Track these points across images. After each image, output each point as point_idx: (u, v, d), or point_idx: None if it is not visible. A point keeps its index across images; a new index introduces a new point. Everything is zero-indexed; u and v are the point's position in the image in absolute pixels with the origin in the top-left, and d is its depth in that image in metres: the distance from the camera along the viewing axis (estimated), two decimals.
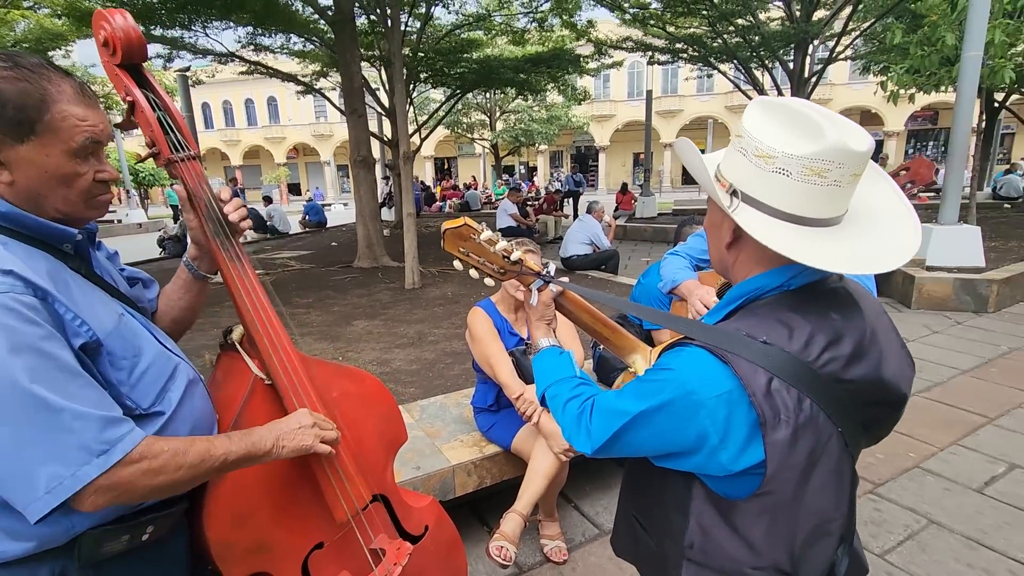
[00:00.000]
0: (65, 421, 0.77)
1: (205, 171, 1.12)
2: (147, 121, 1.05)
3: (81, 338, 0.85)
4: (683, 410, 0.78)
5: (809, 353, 0.77)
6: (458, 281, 6.82)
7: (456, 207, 18.39)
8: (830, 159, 0.74)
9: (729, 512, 0.83)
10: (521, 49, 14.85)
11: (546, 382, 1.06)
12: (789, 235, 0.78)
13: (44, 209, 0.88)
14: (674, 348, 0.83)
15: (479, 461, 2.22)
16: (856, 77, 25.27)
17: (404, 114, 6.06)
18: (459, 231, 1.07)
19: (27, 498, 0.76)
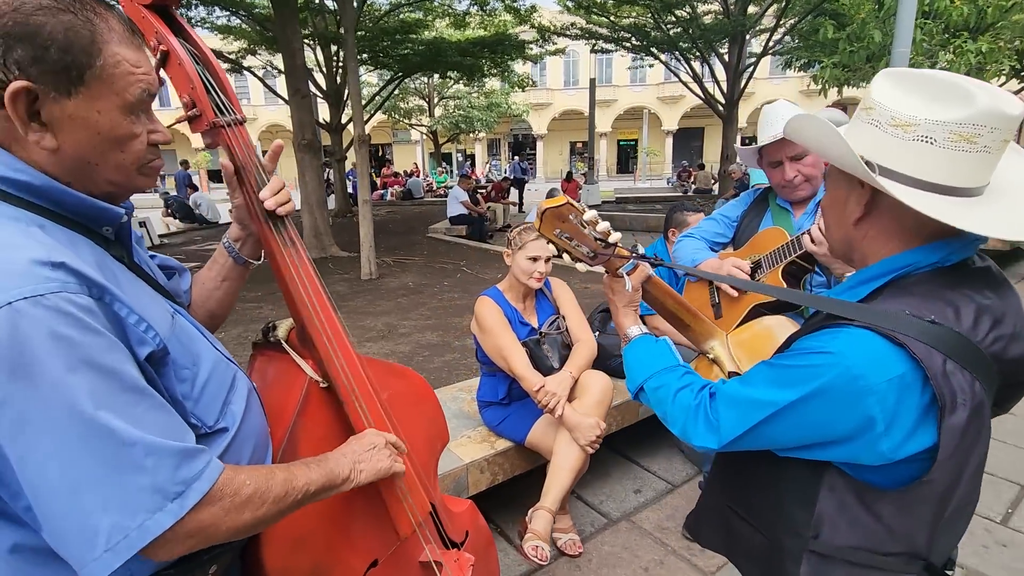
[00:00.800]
0: (137, 457, 0.61)
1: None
2: (186, 76, 0.87)
3: (148, 346, 0.68)
4: (847, 396, 0.72)
5: (978, 333, 0.73)
6: (417, 271, 6.61)
7: (398, 195, 17.87)
8: (983, 123, 0.70)
9: (872, 502, 0.79)
10: (461, 33, 14.57)
11: (644, 372, 1.00)
12: (938, 204, 0.73)
13: (94, 181, 0.71)
14: (825, 330, 0.77)
15: (492, 457, 2.12)
16: (776, 72, 26.80)
17: (358, 95, 5.73)
18: (559, 210, 0.99)
19: (82, 557, 0.59)
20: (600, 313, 2.91)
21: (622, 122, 35.89)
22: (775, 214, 1.90)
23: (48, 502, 0.58)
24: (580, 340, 2.16)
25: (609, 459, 2.77)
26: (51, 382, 0.56)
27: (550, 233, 1.02)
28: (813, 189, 1.80)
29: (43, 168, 0.67)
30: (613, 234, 1.01)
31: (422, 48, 11.62)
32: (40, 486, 0.58)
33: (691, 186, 18.32)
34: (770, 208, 1.93)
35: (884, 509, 0.79)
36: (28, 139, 0.65)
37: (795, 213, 1.86)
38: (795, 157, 1.75)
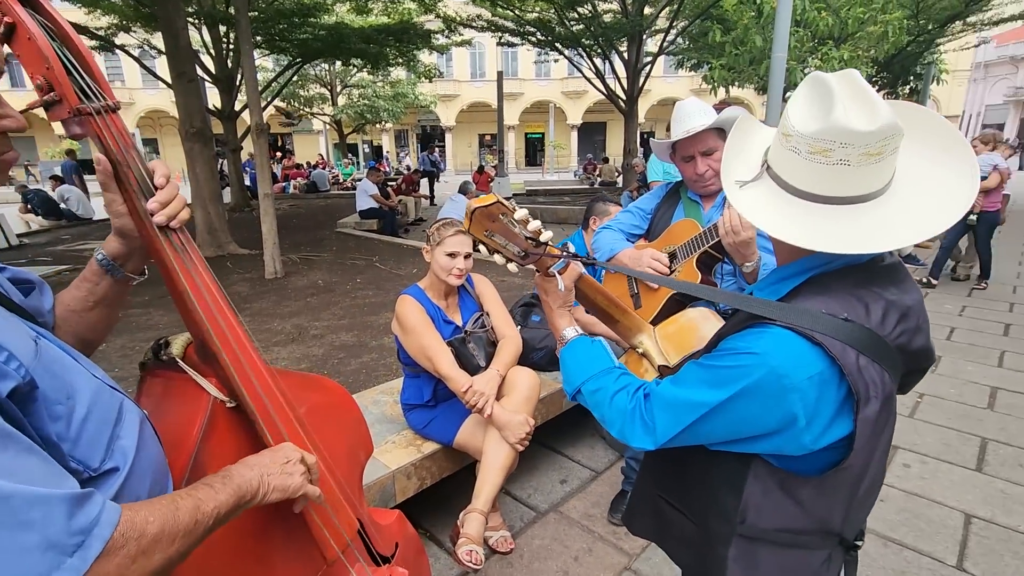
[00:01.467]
0: (17, 511, 0.49)
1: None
2: (39, 54, 0.72)
3: (10, 380, 0.55)
4: (772, 394, 0.75)
5: (885, 327, 0.78)
6: (326, 268, 6.28)
7: (301, 188, 16.90)
8: (831, 138, 0.73)
9: (794, 488, 0.84)
10: (364, 19, 13.99)
11: (581, 375, 0.99)
12: (798, 212, 0.79)
13: None
14: (749, 330, 0.80)
15: (419, 462, 2.05)
16: (670, 71, 28.41)
17: (254, 81, 5.29)
18: (489, 210, 0.94)
19: None
20: (521, 307, 2.91)
21: (529, 115, 36.41)
22: (686, 206, 1.98)
23: None
24: (505, 336, 2.13)
25: (535, 452, 2.79)
26: None
27: (480, 233, 0.97)
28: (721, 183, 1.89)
29: None
30: (544, 233, 0.98)
31: (323, 33, 10.99)
32: None
33: (596, 179, 19.00)
34: (682, 201, 2.01)
35: (804, 494, 0.84)
36: None
37: (704, 206, 1.95)
38: (706, 152, 1.83)
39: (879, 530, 2.19)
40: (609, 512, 2.36)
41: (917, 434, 2.92)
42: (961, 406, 3.21)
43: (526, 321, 2.82)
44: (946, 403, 3.25)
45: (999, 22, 13.50)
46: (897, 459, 2.69)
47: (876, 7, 8.38)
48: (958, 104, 36.37)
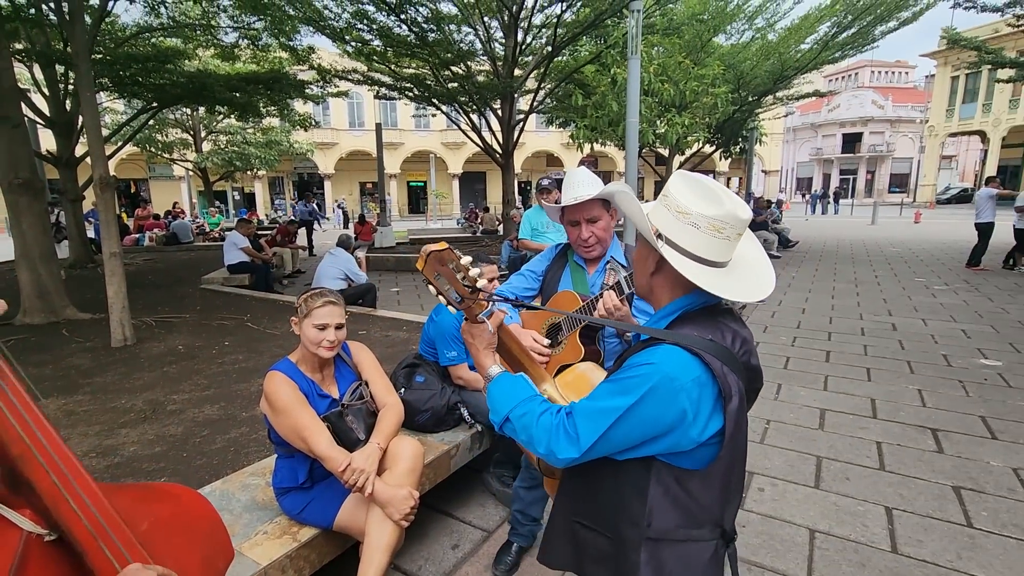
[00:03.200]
0: None
1: None
2: None
3: None
4: (667, 394, 0.95)
5: (734, 347, 1.05)
6: (188, 331, 5.67)
7: (160, 240, 15.30)
8: (725, 220, 1.02)
9: (686, 482, 1.03)
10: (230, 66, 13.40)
11: (508, 404, 1.12)
12: (699, 271, 1.04)
13: None
14: (646, 348, 1.01)
15: (295, 551, 1.88)
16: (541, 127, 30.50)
17: (97, 130, 4.75)
18: (442, 255, 1.11)
19: None
20: (404, 368, 2.86)
21: (410, 164, 36.76)
22: (572, 270, 2.11)
23: None
24: (387, 405, 2.08)
25: (425, 517, 2.69)
26: None
27: (430, 275, 1.12)
28: (603, 249, 2.05)
29: None
30: (481, 281, 1.14)
31: (182, 80, 10.29)
32: None
33: (479, 227, 19.48)
34: (568, 264, 2.14)
35: (693, 487, 1.04)
36: None
37: (588, 269, 2.09)
38: (591, 220, 1.98)
39: (743, 555, 2.40)
40: (494, 565, 2.34)
41: (767, 458, 3.27)
42: (799, 428, 3.67)
43: (410, 383, 2.77)
44: (788, 427, 3.69)
45: (800, 97, 16.83)
46: (753, 484, 2.99)
47: (707, 82, 9.78)
48: (776, 161, 43.65)
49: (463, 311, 1.17)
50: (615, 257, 2.07)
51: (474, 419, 2.79)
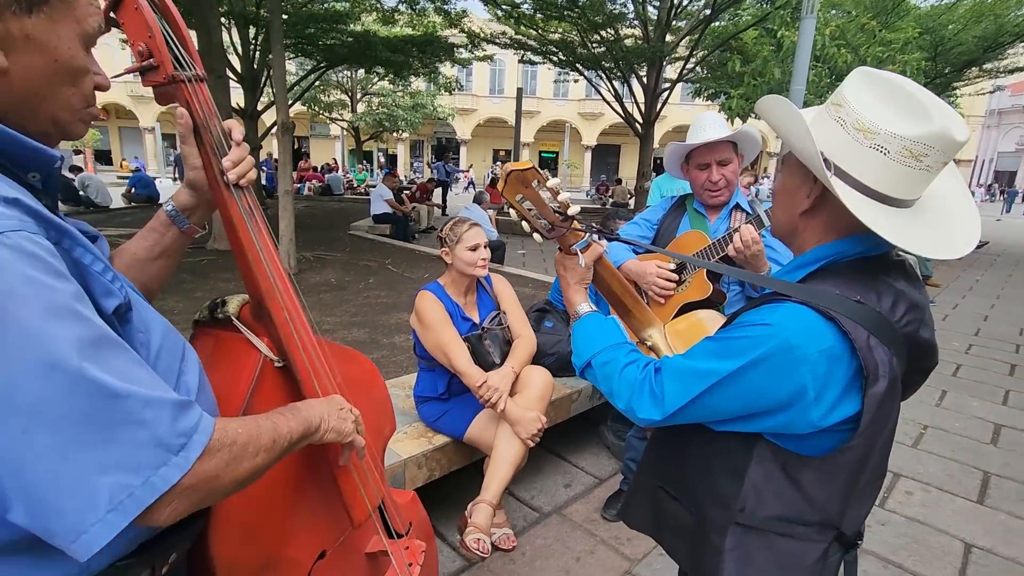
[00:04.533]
0: (133, 409, 0.55)
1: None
2: (143, 23, 0.79)
3: (115, 298, 0.62)
4: (783, 365, 0.77)
5: (895, 314, 0.81)
6: (339, 267, 6.35)
7: (316, 190, 17.09)
8: (932, 144, 0.75)
9: (796, 471, 0.84)
10: (388, 30, 14.27)
11: (592, 348, 1.00)
12: (878, 213, 0.79)
13: (34, 117, 0.62)
14: (766, 305, 0.82)
15: (429, 453, 2.09)
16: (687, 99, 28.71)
17: (283, 80, 5.43)
18: (524, 175, 0.97)
19: (78, 523, 0.52)
20: (534, 312, 2.96)
21: (544, 133, 36.79)
22: (692, 218, 2.04)
23: (33, 468, 0.50)
24: (521, 336, 2.19)
25: (540, 456, 2.82)
26: (27, 331, 0.49)
27: (512, 196, 0.99)
28: (730, 195, 1.96)
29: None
30: (572, 207, 1.01)
31: (350, 40, 11.22)
32: (23, 452, 0.50)
33: (608, 199, 19.13)
34: (687, 212, 2.07)
35: (806, 478, 0.84)
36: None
37: (710, 217, 2.01)
38: (722, 162, 1.89)
39: (879, 552, 2.21)
40: (603, 508, 2.39)
41: (920, 463, 2.93)
42: (965, 439, 3.22)
43: (539, 326, 2.87)
44: (951, 436, 3.26)
45: (1015, 71, 13.72)
46: (899, 486, 2.71)
47: (895, 47, 8.51)
48: (971, 149, 36.38)
49: (556, 240, 1.05)
50: (741, 204, 1.96)
51: None
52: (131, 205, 12.28)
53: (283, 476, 0.97)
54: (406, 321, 4.40)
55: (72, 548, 0.53)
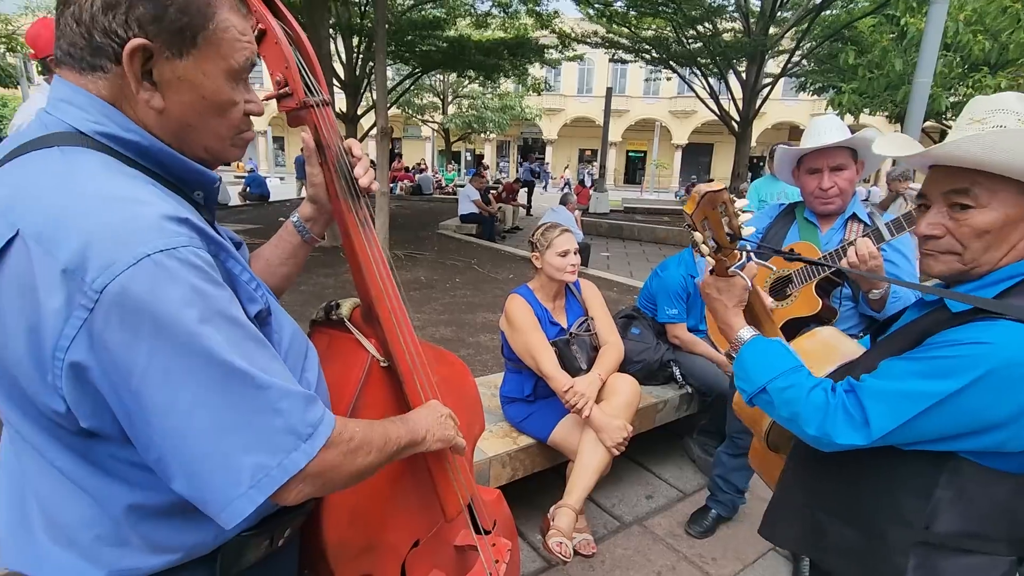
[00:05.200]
0: (272, 399, 0.63)
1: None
2: (281, 56, 0.89)
3: (257, 304, 0.70)
4: (1008, 382, 0.78)
5: None
6: (428, 266, 6.62)
7: (408, 190, 17.88)
8: None
9: (992, 486, 0.84)
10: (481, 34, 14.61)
11: (767, 373, 0.98)
12: None
13: (190, 146, 0.72)
14: (972, 324, 0.82)
15: (514, 453, 2.14)
16: (789, 94, 26.87)
17: (384, 87, 5.76)
18: (716, 196, 0.96)
19: (227, 495, 0.61)
20: (621, 319, 2.93)
21: (632, 132, 36.02)
22: (802, 228, 1.92)
23: (193, 446, 0.59)
24: (609, 343, 2.18)
25: (621, 464, 2.78)
26: (191, 331, 0.58)
27: (699, 217, 0.98)
28: (843, 204, 1.82)
29: (148, 129, 0.68)
30: (746, 229, 0.99)
31: (445, 45, 11.64)
32: (186, 431, 0.59)
33: None
34: (797, 221, 1.94)
35: (1001, 494, 0.84)
36: (139, 97, 0.65)
37: (822, 227, 1.87)
38: (835, 168, 1.77)
39: None
40: (688, 524, 2.32)
41: None
42: None
43: (625, 333, 2.83)
44: None
45: None
46: None
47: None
48: None
49: (714, 262, 1.04)
50: (858, 214, 1.80)
51: (685, 380, 2.74)
52: (246, 203, 13.52)
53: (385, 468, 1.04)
54: (491, 320, 4.51)
55: (220, 517, 0.62)
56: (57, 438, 0.63)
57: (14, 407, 0.63)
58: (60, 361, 0.57)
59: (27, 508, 0.68)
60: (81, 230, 0.56)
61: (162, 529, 0.68)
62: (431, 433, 0.93)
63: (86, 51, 0.63)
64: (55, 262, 0.55)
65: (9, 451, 0.70)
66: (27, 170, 0.61)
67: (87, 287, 0.55)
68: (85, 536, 0.66)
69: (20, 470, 0.68)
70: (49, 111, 0.66)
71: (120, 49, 0.62)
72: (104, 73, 0.64)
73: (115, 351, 0.56)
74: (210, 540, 0.72)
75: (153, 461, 0.61)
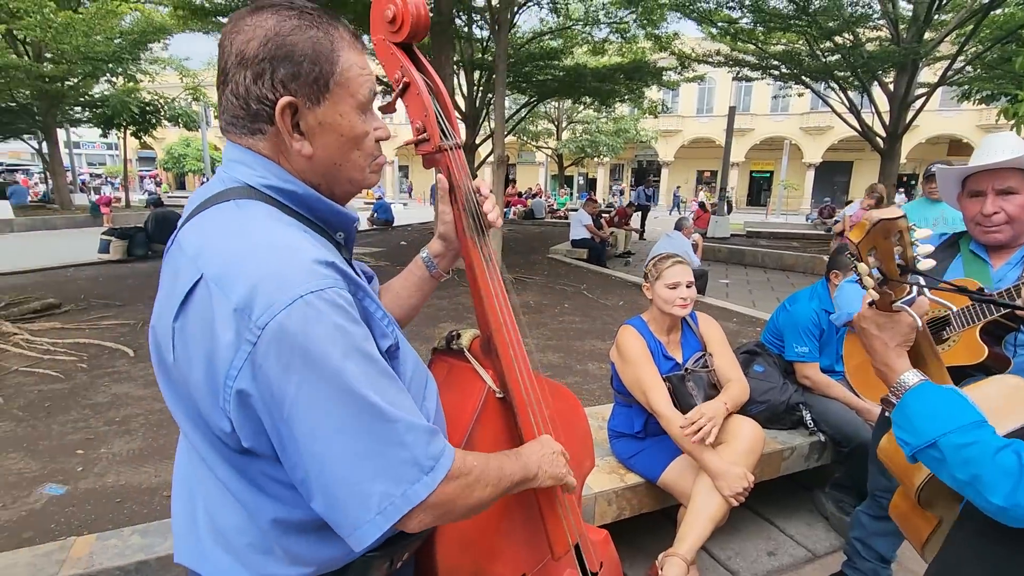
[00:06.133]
0: (399, 433, 0.67)
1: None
2: (422, 106, 0.96)
3: (388, 340, 0.76)
4: None
5: None
6: (537, 290, 6.71)
7: (520, 215, 18.36)
8: None
9: None
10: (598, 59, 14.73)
11: (940, 426, 0.86)
12: None
13: (338, 181, 0.79)
14: None
15: (620, 491, 2.07)
16: (948, 104, 23.70)
17: (502, 118, 6.02)
18: (894, 224, 0.85)
19: (357, 519, 0.66)
20: (743, 355, 2.74)
21: (757, 152, 33.97)
22: (967, 262, 1.65)
23: (331, 470, 0.65)
24: (731, 379, 2.04)
25: (739, 513, 2.57)
26: (333, 366, 0.64)
27: (866, 246, 0.87)
28: (1014, 234, 1.54)
29: (302, 176, 0.76)
30: (924, 261, 0.87)
31: (561, 74, 11.92)
32: (326, 456, 0.65)
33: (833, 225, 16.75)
34: (961, 254, 1.68)
35: None
36: (292, 149, 0.74)
37: (993, 263, 1.60)
38: (1003, 191, 1.51)
39: None
40: None
41: None
42: None
43: (747, 371, 2.64)
44: None
45: None
46: None
47: None
48: None
49: (878, 296, 0.92)
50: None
51: (817, 426, 2.49)
52: (372, 227, 14.70)
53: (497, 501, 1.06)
54: (600, 348, 4.44)
55: (350, 539, 0.67)
56: (221, 453, 0.72)
57: (190, 422, 0.73)
58: (229, 388, 0.65)
59: (196, 511, 0.79)
60: (250, 275, 0.65)
61: (300, 543, 0.75)
62: (543, 470, 0.93)
63: (246, 119, 0.73)
64: (229, 302, 0.64)
65: (184, 459, 0.82)
66: (212, 222, 0.72)
67: (252, 324, 0.63)
68: (239, 541, 0.75)
69: (193, 477, 0.79)
70: (225, 170, 0.78)
71: (272, 110, 0.71)
72: (263, 135, 0.74)
73: (273, 381, 0.64)
74: (340, 557, 0.77)
75: (298, 481, 0.68)
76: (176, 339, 0.69)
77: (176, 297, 0.68)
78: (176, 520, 0.82)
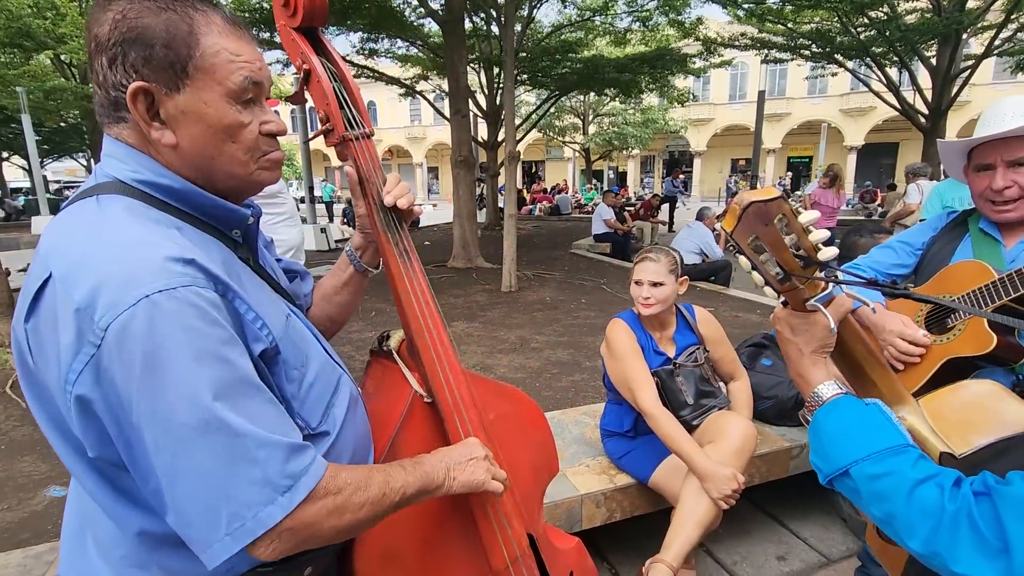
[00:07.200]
0: (249, 449, 0.62)
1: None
2: (323, 93, 0.91)
3: (261, 343, 0.71)
4: None
5: None
6: (555, 286, 6.61)
7: (546, 211, 18.23)
8: None
9: None
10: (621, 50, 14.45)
11: (855, 450, 0.72)
12: None
13: (215, 175, 0.75)
14: None
15: (610, 492, 1.97)
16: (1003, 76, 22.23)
17: (512, 114, 5.95)
18: (766, 208, 0.71)
19: (208, 538, 0.61)
20: (748, 348, 2.60)
21: (794, 137, 32.76)
22: (976, 242, 1.49)
23: (180, 484, 0.61)
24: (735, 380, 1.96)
25: (749, 514, 2.44)
26: (178, 372, 0.59)
27: (744, 239, 0.74)
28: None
29: (176, 169, 0.72)
30: (826, 250, 0.73)
31: (579, 66, 11.75)
32: (174, 470, 0.61)
33: (876, 209, 15.97)
34: (970, 234, 1.51)
35: None
36: (152, 137, 0.70)
37: (1006, 242, 1.43)
38: (1016, 163, 1.35)
39: None
40: None
41: None
42: None
43: (753, 364, 2.50)
44: None
45: None
46: None
47: None
48: None
49: (784, 293, 0.78)
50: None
51: None
52: None
53: (425, 508, 1.00)
54: None
55: (202, 556, 0.63)
56: (82, 462, 0.69)
57: (53, 431, 0.70)
58: (69, 393, 0.61)
59: (82, 521, 0.76)
60: (95, 273, 0.61)
61: (174, 558, 0.70)
62: (451, 477, 0.86)
63: (110, 107, 0.70)
64: (72, 302, 0.60)
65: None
66: (68, 219, 0.69)
67: (95, 325, 0.59)
68: (114, 554, 0.72)
69: (76, 487, 0.76)
70: (100, 165, 0.74)
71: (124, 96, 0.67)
72: (126, 123, 0.71)
73: (119, 386, 0.60)
74: (221, 573, 0.73)
75: (150, 493, 0.64)
76: (31, 341, 0.66)
77: (27, 296, 0.65)
78: (65, 531, 0.79)
